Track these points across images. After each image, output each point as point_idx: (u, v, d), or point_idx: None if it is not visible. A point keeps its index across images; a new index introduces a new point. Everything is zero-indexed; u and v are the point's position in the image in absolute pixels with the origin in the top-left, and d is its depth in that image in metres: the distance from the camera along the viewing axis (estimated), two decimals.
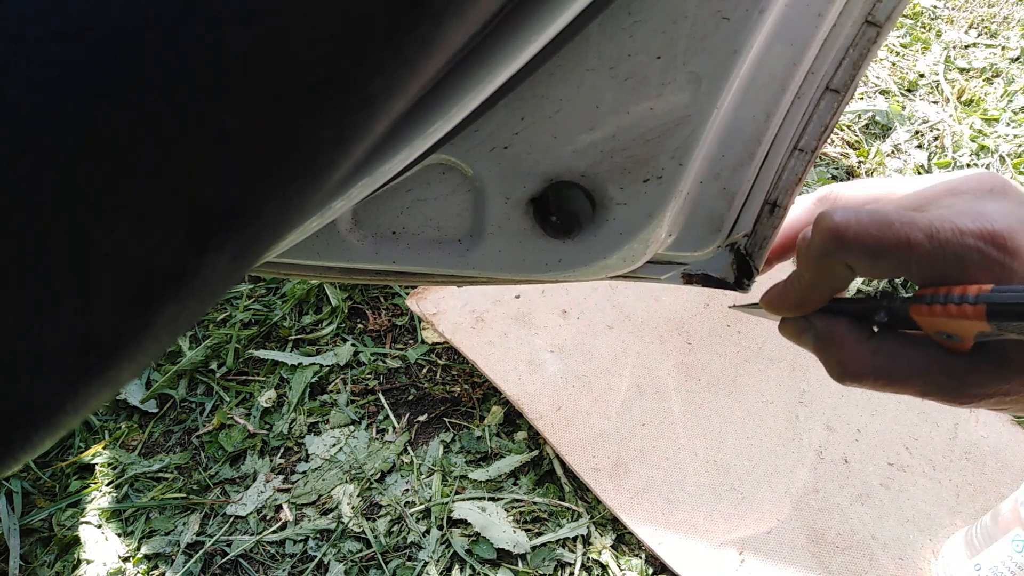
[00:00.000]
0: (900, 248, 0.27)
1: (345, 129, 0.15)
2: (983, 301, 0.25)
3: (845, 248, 0.28)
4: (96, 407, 0.16)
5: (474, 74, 0.21)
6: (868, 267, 0.28)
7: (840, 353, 0.31)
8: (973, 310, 0.26)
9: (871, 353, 0.30)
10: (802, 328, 0.33)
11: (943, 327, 0.27)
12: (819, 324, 0.32)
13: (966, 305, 0.26)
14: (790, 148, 0.32)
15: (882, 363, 0.29)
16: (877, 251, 0.27)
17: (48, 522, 0.85)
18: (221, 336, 1.04)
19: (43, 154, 0.11)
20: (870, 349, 0.30)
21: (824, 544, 0.83)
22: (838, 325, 0.31)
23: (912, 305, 0.28)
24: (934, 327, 0.28)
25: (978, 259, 0.26)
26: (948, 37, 1.76)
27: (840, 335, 0.31)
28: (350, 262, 0.34)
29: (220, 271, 0.15)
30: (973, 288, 0.26)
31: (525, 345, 1.00)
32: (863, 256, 0.28)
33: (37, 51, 0.10)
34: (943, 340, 0.28)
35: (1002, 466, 0.92)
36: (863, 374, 0.30)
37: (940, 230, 0.26)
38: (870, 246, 0.28)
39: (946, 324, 0.27)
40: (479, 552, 0.83)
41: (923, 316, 0.28)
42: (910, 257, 0.27)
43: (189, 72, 0.11)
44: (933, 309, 0.27)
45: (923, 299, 0.28)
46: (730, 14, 0.26)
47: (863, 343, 0.30)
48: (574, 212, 0.31)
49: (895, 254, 0.27)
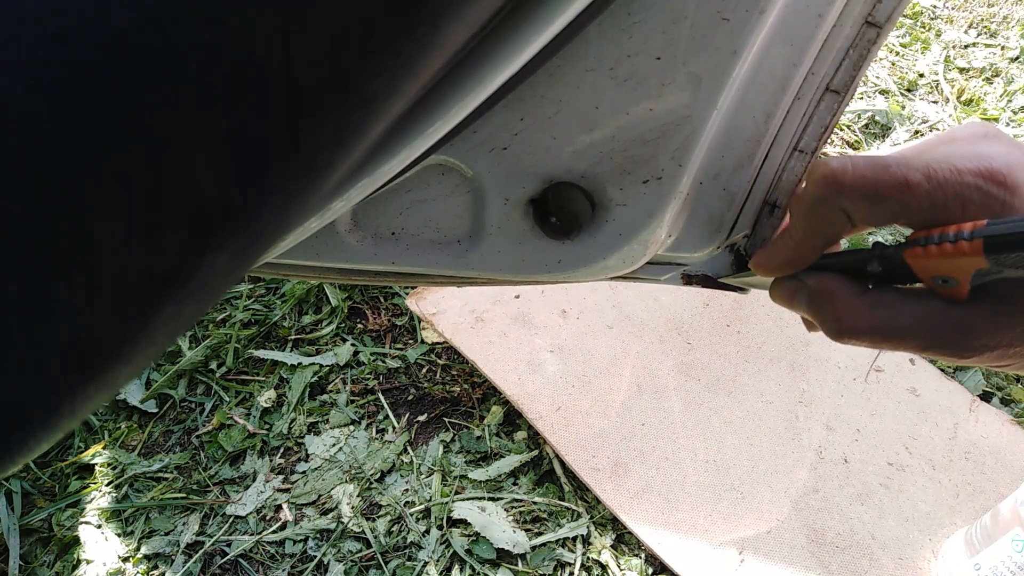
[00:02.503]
0: (898, 189, 0.26)
1: (345, 129, 0.15)
2: (979, 235, 0.25)
3: (842, 193, 0.28)
4: (95, 408, 0.16)
5: (474, 74, 0.21)
6: (866, 212, 0.28)
7: (836, 309, 0.30)
8: (970, 246, 0.25)
9: (868, 306, 0.29)
10: (794, 289, 0.32)
11: (939, 269, 0.27)
12: (811, 282, 0.31)
13: (962, 241, 0.25)
14: (790, 149, 0.32)
15: (881, 316, 0.29)
16: (875, 194, 0.27)
17: (48, 522, 0.85)
18: (221, 336, 1.04)
19: (42, 154, 0.11)
20: (867, 302, 0.29)
21: (824, 544, 0.83)
22: (832, 281, 0.30)
23: (907, 249, 0.27)
24: (930, 271, 0.27)
25: (978, 197, 0.26)
26: (948, 37, 1.76)
27: (834, 290, 0.30)
28: (349, 263, 0.34)
29: (219, 271, 0.15)
30: (968, 224, 0.25)
31: (525, 345, 1.00)
32: (860, 200, 0.27)
33: (36, 52, 0.10)
34: (939, 287, 0.27)
35: (1002, 466, 0.92)
36: (860, 329, 0.29)
37: (938, 170, 0.26)
38: (868, 189, 0.27)
39: (942, 266, 0.26)
40: (479, 552, 0.83)
41: (918, 259, 0.27)
42: (909, 199, 0.26)
43: (188, 72, 0.11)
44: (928, 250, 0.26)
45: (918, 242, 0.27)
46: (730, 14, 0.26)
47: (859, 296, 0.29)
48: (574, 213, 0.31)
49: (893, 196, 0.27)
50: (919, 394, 1.00)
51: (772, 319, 1.07)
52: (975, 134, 0.29)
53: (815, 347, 1.03)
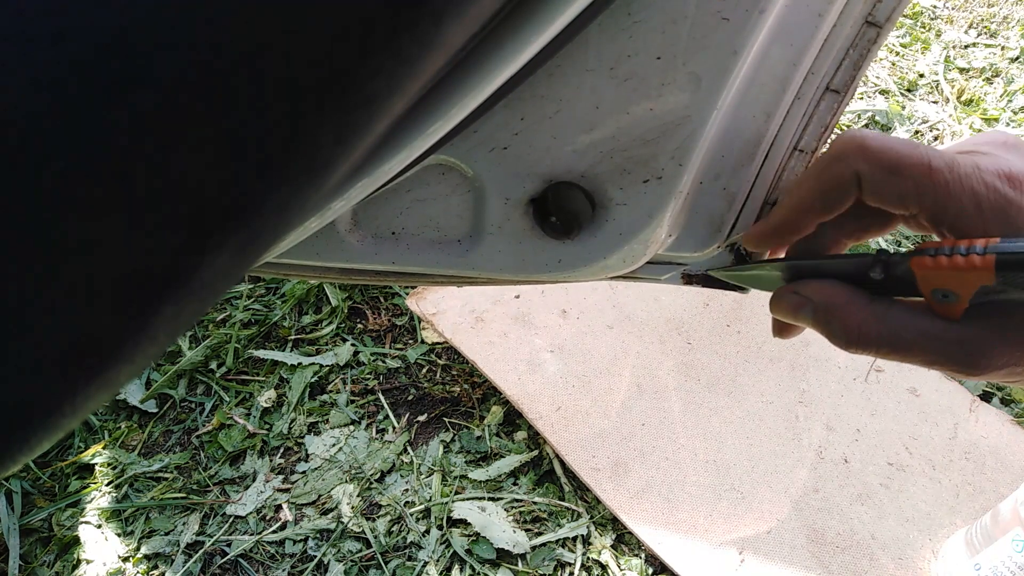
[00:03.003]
0: (920, 168, 0.27)
1: (345, 129, 0.15)
2: (992, 251, 0.24)
3: (864, 155, 0.28)
4: (95, 408, 0.16)
5: (474, 74, 0.21)
6: (880, 182, 0.27)
7: (845, 320, 0.29)
8: (982, 261, 0.25)
9: (877, 318, 0.29)
10: (797, 304, 0.31)
11: (944, 282, 0.26)
12: (816, 297, 0.31)
13: (974, 256, 0.25)
14: (790, 148, 0.32)
15: (890, 328, 0.28)
16: (895, 166, 0.27)
17: (48, 522, 0.85)
18: (221, 336, 1.04)
19: (43, 153, 0.11)
20: (875, 313, 0.29)
21: (824, 544, 0.83)
22: (837, 293, 0.30)
23: (914, 257, 0.27)
24: (934, 283, 0.27)
25: (994, 198, 0.26)
26: (948, 37, 1.76)
27: (841, 302, 0.30)
28: (350, 262, 0.34)
29: (219, 271, 0.15)
30: (981, 240, 0.25)
31: (525, 345, 1.00)
32: (880, 168, 0.27)
33: (37, 51, 0.10)
34: (937, 302, 0.27)
35: (1002, 466, 0.92)
36: (869, 340, 0.29)
37: (961, 164, 0.26)
38: (890, 159, 0.27)
39: (948, 279, 0.26)
40: (479, 552, 0.83)
41: (925, 269, 0.27)
42: (927, 182, 0.26)
43: (189, 72, 0.11)
44: (938, 261, 0.26)
45: (927, 251, 0.27)
46: (730, 14, 0.26)
47: (867, 307, 0.29)
48: (574, 212, 0.31)
49: (913, 174, 0.27)
50: (919, 394, 1.00)
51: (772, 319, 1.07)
52: (997, 142, 0.29)
53: (815, 347, 1.03)
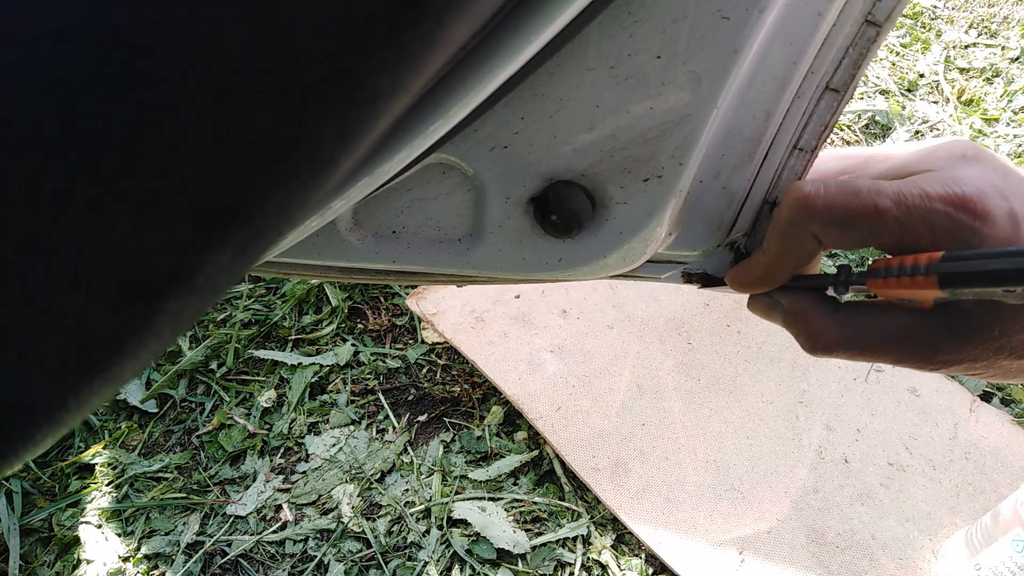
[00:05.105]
0: (869, 215, 0.27)
1: (348, 126, 0.15)
2: (934, 272, 0.25)
3: (815, 217, 0.28)
4: (98, 405, 0.16)
5: (474, 73, 0.21)
6: (838, 237, 0.28)
7: (809, 328, 0.31)
8: (926, 280, 0.26)
9: (838, 325, 0.30)
10: (770, 306, 0.33)
11: (901, 296, 0.28)
12: (785, 302, 0.32)
13: (919, 276, 0.26)
14: (790, 147, 0.32)
15: (851, 334, 0.30)
16: (846, 220, 0.27)
17: (48, 522, 0.85)
18: (221, 336, 1.04)
19: (46, 152, 0.11)
20: (837, 321, 0.30)
21: (824, 544, 0.83)
22: (804, 301, 0.32)
23: (868, 279, 0.28)
24: (893, 296, 0.28)
25: (947, 224, 0.26)
26: (948, 37, 1.76)
27: (807, 310, 0.31)
28: (350, 261, 0.34)
29: (222, 268, 0.15)
30: (924, 257, 0.26)
31: (525, 345, 1.00)
32: (832, 225, 0.28)
33: (39, 50, 0.10)
34: (905, 305, 0.29)
35: (1002, 466, 0.92)
36: (833, 345, 0.30)
37: (908, 195, 0.26)
38: (838, 214, 0.28)
39: (903, 294, 0.27)
40: (479, 552, 0.83)
41: (879, 288, 0.28)
42: (879, 225, 0.27)
43: (192, 69, 0.11)
44: (888, 281, 0.27)
45: (878, 272, 0.28)
46: (730, 13, 0.26)
47: (830, 316, 0.31)
48: (574, 211, 0.31)
49: (864, 222, 0.27)
50: (919, 394, 1.00)
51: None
52: (953, 154, 0.29)
53: None
